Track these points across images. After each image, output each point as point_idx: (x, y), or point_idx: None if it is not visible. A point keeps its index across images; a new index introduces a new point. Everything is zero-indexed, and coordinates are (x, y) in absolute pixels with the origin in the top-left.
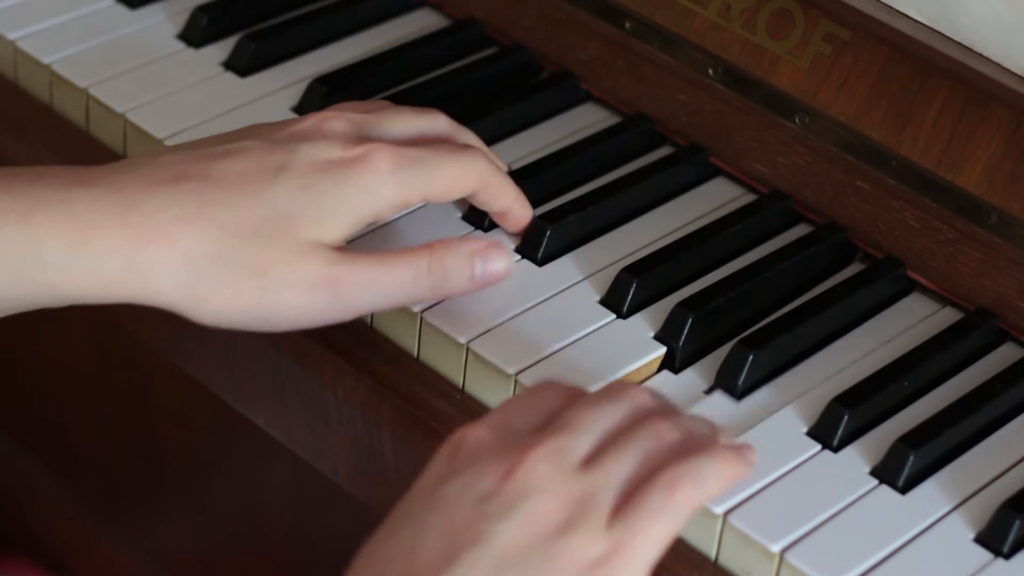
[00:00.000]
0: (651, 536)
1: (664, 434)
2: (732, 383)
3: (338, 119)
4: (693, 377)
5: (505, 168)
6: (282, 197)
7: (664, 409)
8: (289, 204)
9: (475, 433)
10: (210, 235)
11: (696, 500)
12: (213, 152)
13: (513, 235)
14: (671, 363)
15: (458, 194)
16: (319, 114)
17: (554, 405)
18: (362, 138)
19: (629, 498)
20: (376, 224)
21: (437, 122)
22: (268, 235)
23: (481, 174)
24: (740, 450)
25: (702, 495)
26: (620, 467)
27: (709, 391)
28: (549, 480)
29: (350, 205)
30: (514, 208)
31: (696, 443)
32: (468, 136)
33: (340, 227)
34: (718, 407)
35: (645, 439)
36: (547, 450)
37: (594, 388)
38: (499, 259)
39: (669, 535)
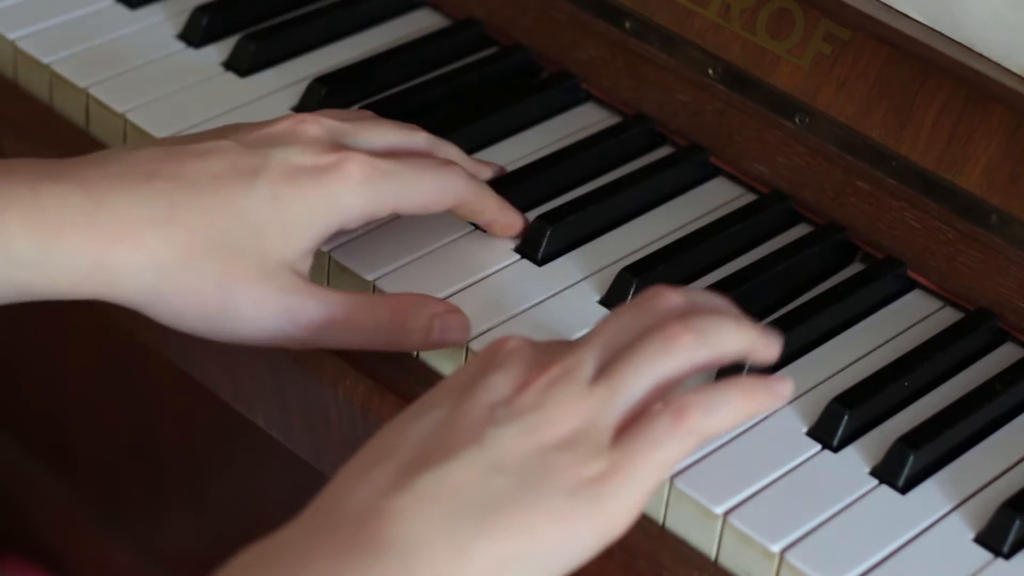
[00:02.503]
0: (651, 462)
1: (676, 341)
2: None
3: (314, 124)
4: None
5: (491, 174)
6: (252, 207)
7: (691, 308)
8: (258, 215)
9: (514, 342)
10: (178, 240)
11: (705, 430)
12: (188, 151)
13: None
14: None
15: (432, 209)
16: (296, 116)
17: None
18: (337, 145)
19: (636, 418)
20: (350, 230)
21: (415, 137)
22: (235, 248)
23: (457, 191)
24: (768, 383)
25: (712, 425)
26: (626, 382)
27: None
28: (561, 394)
29: (317, 216)
30: (498, 220)
31: (713, 351)
32: (448, 150)
33: (307, 240)
34: None
35: (655, 350)
36: (566, 364)
37: None
38: (458, 330)
39: (671, 463)
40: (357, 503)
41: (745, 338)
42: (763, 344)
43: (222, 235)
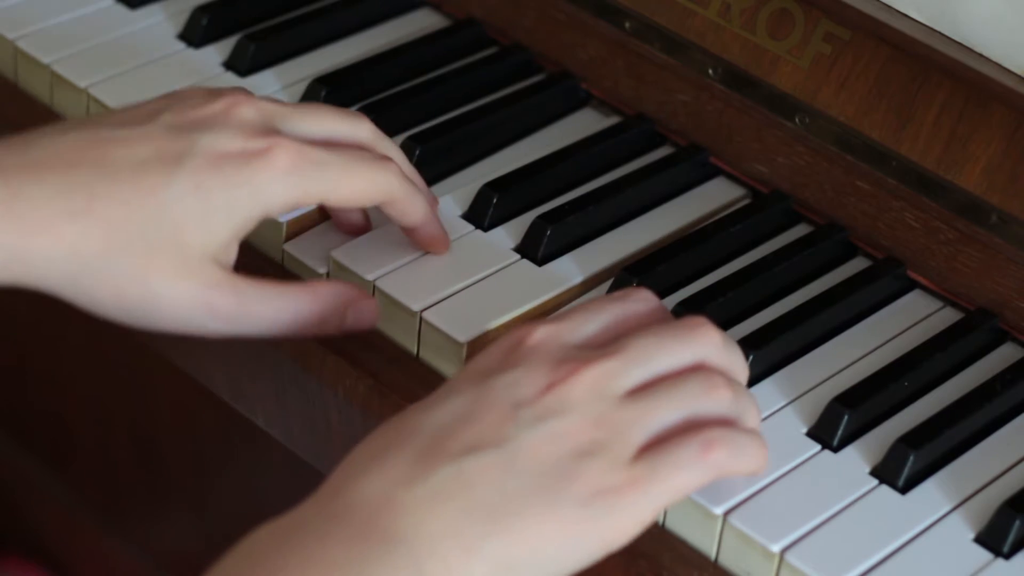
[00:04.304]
0: (670, 483)
1: (717, 392)
2: None
3: (249, 106)
4: None
5: (421, 185)
6: (173, 198)
7: (727, 367)
8: (179, 208)
9: (538, 335)
10: (96, 233)
11: (726, 468)
12: (114, 137)
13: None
14: None
15: (359, 204)
16: (233, 96)
17: (627, 323)
18: (269, 130)
19: (660, 442)
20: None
21: (359, 128)
22: (153, 241)
23: (388, 188)
24: (764, 448)
25: (734, 465)
26: (662, 409)
27: None
28: (588, 402)
29: (240, 205)
30: (424, 228)
31: (739, 416)
32: (389, 147)
33: (227, 229)
34: None
35: (697, 392)
36: (596, 373)
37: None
38: (369, 317)
39: (686, 490)
40: (373, 491)
41: (754, 442)
42: (758, 454)
43: (141, 229)
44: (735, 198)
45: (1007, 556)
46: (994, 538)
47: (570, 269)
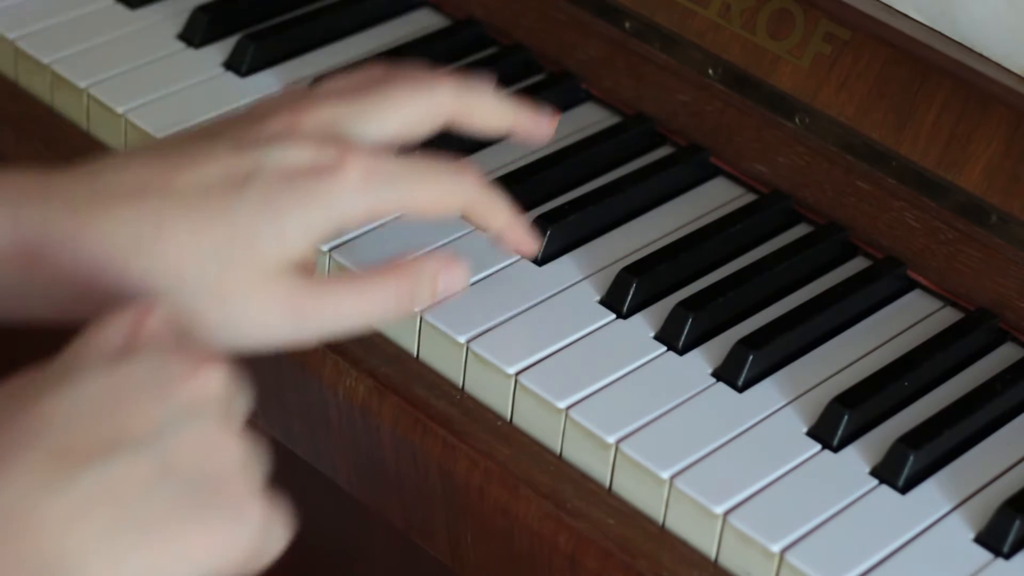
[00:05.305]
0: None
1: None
2: (732, 383)
3: (312, 115)
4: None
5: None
6: (244, 215)
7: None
8: (250, 223)
9: (154, 321)
10: (167, 260)
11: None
12: (180, 161)
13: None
14: None
15: (438, 213)
16: (294, 105)
17: None
18: (337, 139)
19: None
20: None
21: (437, 95)
22: (228, 258)
23: (467, 196)
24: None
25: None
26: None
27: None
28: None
29: (314, 221)
30: (507, 232)
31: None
32: (477, 94)
33: (304, 242)
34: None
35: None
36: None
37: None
38: (460, 282)
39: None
40: (12, 496)
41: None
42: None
43: (212, 251)
44: (735, 198)
45: (1007, 556)
46: (994, 538)
47: (570, 269)
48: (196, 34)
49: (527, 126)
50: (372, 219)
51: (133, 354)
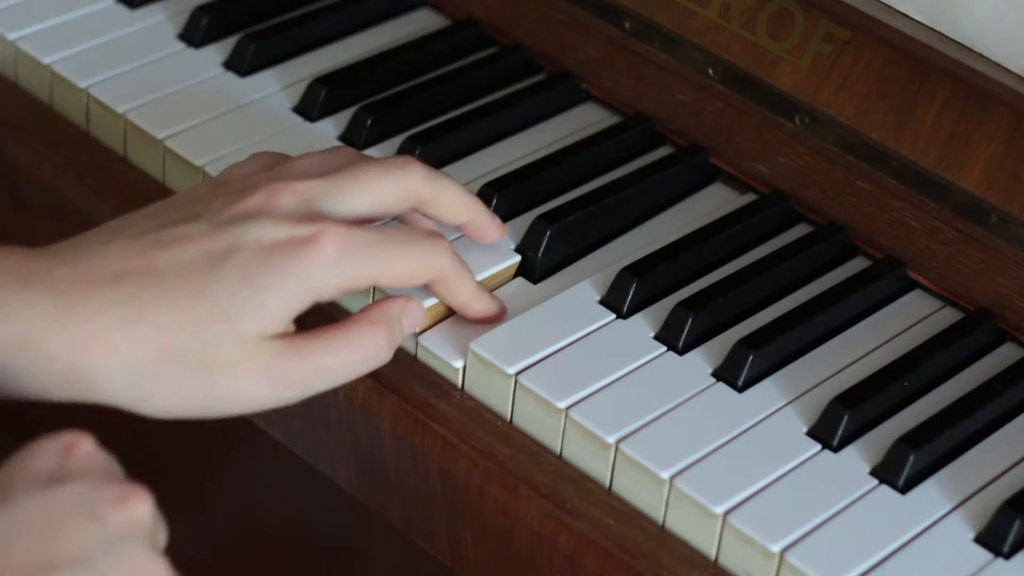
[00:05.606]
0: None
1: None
2: (732, 383)
3: (288, 193)
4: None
5: (484, 210)
6: (223, 292)
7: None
8: (230, 300)
9: (85, 448)
10: (150, 340)
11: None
12: (159, 240)
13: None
14: None
15: (409, 284)
16: (270, 187)
17: None
18: (312, 214)
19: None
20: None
21: (407, 179)
22: (210, 335)
23: (439, 268)
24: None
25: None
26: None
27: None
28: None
29: (292, 295)
30: (471, 305)
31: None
32: (445, 187)
33: (283, 317)
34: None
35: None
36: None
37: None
38: (418, 313)
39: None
40: None
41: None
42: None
43: (195, 328)
44: (735, 198)
45: (1007, 556)
46: (994, 538)
47: (570, 269)
48: (196, 34)
49: (481, 225)
50: (348, 291)
51: (65, 480)
